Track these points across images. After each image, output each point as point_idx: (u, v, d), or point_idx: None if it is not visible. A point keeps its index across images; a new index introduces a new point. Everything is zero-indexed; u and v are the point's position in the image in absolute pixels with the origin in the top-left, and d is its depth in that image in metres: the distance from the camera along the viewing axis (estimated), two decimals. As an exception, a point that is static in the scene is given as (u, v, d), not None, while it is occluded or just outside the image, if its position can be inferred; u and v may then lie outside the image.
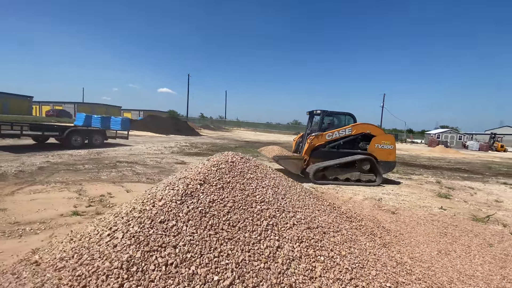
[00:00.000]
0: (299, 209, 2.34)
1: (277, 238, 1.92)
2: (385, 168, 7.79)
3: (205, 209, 1.98)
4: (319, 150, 7.79)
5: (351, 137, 7.84)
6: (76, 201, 4.56)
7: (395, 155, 7.85)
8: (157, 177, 6.84)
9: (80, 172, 6.86)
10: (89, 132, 11.60)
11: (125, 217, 1.88)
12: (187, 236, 1.75)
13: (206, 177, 2.31)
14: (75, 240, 1.94)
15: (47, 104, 52.09)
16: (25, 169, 6.83)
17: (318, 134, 7.71)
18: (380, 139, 7.76)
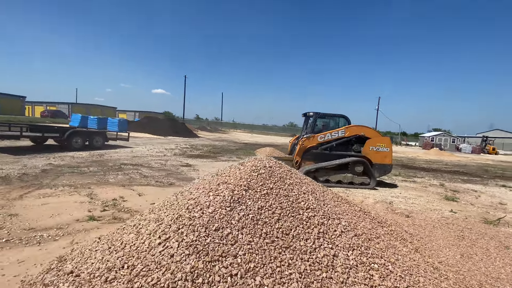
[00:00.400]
0: (341, 215, 2.30)
1: (331, 246, 1.87)
2: (380, 171, 7.63)
3: (256, 216, 1.92)
4: (311, 151, 7.77)
5: (344, 139, 7.72)
6: (89, 206, 4.42)
7: (391, 158, 7.68)
8: (166, 180, 6.72)
9: (86, 175, 6.68)
10: (90, 133, 11.38)
11: (173, 224, 1.80)
12: (245, 244, 1.69)
13: (249, 183, 2.24)
14: (117, 249, 1.85)
15: (40, 104, 51.04)
16: (28, 171, 6.63)
17: (309, 136, 7.69)
18: (375, 141, 7.61)
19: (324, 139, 7.68)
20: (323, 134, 7.71)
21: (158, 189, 5.82)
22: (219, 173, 2.70)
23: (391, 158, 7.66)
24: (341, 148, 7.83)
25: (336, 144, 7.73)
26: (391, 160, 7.70)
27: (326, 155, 7.73)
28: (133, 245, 1.78)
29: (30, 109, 49.90)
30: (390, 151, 7.61)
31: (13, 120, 26.42)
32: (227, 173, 2.54)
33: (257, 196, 2.13)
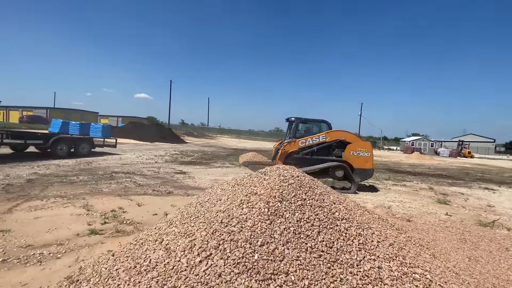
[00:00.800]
0: (370, 224, 2.27)
1: (373, 258, 1.83)
2: (362, 176, 7.63)
3: (296, 229, 1.84)
4: (292, 156, 7.78)
5: (325, 144, 7.77)
6: (87, 218, 4.14)
7: (372, 162, 7.67)
8: (163, 189, 6.47)
9: (77, 185, 6.31)
10: (76, 140, 10.83)
11: (211, 240, 1.68)
12: (293, 260, 1.60)
13: (282, 194, 2.16)
14: (147, 269, 1.71)
15: (16, 109, 48.16)
16: (13, 182, 6.17)
17: (291, 141, 7.74)
18: (356, 146, 7.62)
19: (305, 144, 7.71)
20: (304, 139, 7.74)
21: (156, 199, 5.59)
22: (239, 183, 2.60)
23: (372, 162, 7.68)
24: (322, 153, 7.88)
25: (317, 149, 7.77)
26: (372, 164, 7.72)
27: (307, 159, 7.76)
28: (166, 263, 1.65)
29: (5, 114, 47.02)
30: (371, 155, 7.64)
31: (-14, 125, 24.73)
32: (251, 182, 2.45)
33: (292, 207, 2.05)
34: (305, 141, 7.70)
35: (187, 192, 6.34)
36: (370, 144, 7.91)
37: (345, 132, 7.88)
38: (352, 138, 7.88)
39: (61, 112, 47.71)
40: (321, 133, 7.82)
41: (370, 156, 7.60)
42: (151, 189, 6.41)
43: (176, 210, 3.39)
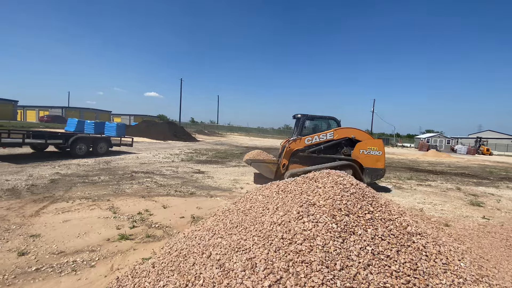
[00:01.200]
0: (442, 238, 2.02)
1: (461, 281, 1.58)
2: (372, 176, 7.12)
3: (374, 249, 1.62)
4: (298, 154, 7.44)
5: (333, 142, 7.34)
6: (115, 221, 4.03)
7: (383, 162, 7.12)
8: (184, 189, 6.34)
9: (100, 186, 6.25)
10: (94, 139, 10.87)
11: (278, 261, 1.48)
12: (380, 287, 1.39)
13: (347, 206, 1.94)
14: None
15: (33, 108, 49.51)
16: (36, 182, 6.16)
17: (296, 139, 7.37)
18: (366, 144, 7.11)
19: (311, 141, 7.32)
20: (310, 136, 7.34)
21: (180, 200, 5.45)
22: (284, 189, 2.39)
23: (383, 162, 7.14)
24: (330, 151, 7.49)
25: (324, 147, 7.38)
26: (384, 164, 7.18)
27: (313, 158, 7.39)
28: (227, 286, 1.46)
29: (22, 114, 48.38)
30: (382, 154, 7.11)
31: (6, 125, 25.42)
32: (300, 189, 2.23)
33: (362, 222, 1.83)
34: (312, 139, 7.31)
35: (209, 193, 6.19)
36: (382, 142, 7.28)
37: (354, 130, 7.41)
38: (362, 136, 7.39)
39: (76, 111, 48.74)
40: (328, 131, 7.36)
41: (381, 155, 7.10)
42: (173, 189, 6.29)
43: (211, 215, 3.22)
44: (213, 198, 5.74)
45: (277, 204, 2.13)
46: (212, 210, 4.87)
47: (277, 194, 2.35)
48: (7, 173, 6.92)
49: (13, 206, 4.47)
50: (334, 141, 7.35)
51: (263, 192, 2.57)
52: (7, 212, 4.14)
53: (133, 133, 25.74)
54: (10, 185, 5.76)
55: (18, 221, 3.83)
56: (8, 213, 4.10)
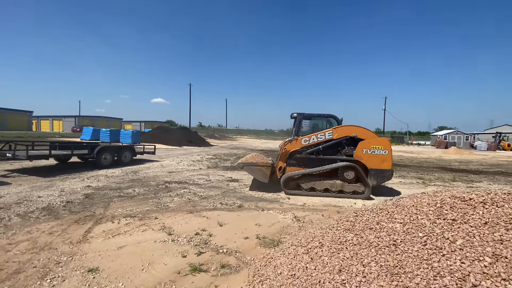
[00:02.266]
0: None
1: None
2: (378, 178, 6.38)
3: None
4: (294, 156, 6.84)
5: (333, 142, 6.68)
6: (175, 246, 3.46)
7: (390, 162, 6.39)
8: (229, 201, 5.76)
9: (138, 200, 5.72)
10: (119, 149, 10.41)
11: None
12: None
13: None
14: None
15: (46, 118, 50.00)
16: (71, 198, 5.66)
17: (292, 139, 6.81)
18: (370, 143, 6.41)
19: (308, 142, 6.72)
20: (307, 136, 6.73)
21: (232, 215, 4.86)
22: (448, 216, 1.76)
23: (390, 162, 6.40)
24: (330, 151, 6.83)
25: (324, 147, 6.73)
26: (391, 164, 6.42)
27: (311, 160, 6.76)
28: None
29: (37, 124, 48.89)
30: (389, 154, 6.37)
31: (24, 136, 25.43)
32: (417, 210, 1.61)
33: None
34: (309, 139, 6.70)
35: (257, 205, 5.59)
36: (388, 141, 6.58)
37: (356, 127, 6.70)
38: (366, 134, 6.66)
39: (88, 119, 49.03)
40: (327, 130, 6.72)
41: (388, 155, 6.36)
42: (218, 202, 5.71)
43: (316, 243, 2.60)
44: (265, 211, 5.13)
45: (425, 234, 1.50)
46: (273, 227, 4.27)
47: (433, 224, 1.72)
48: (37, 188, 6.47)
49: (55, 229, 3.95)
50: (334, 141, 6.68)
51: (400, 216, 1.94)
52: (51, 238, 3.61)
53: (147, 139, 25.47)
54: (44, 203, 5.27)
55: (67, 249, 3.29)
56: (52, 239, 3.57)
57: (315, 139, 6.68)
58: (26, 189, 6.28)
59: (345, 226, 3.02)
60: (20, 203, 5.21)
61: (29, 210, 4.81)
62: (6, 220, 4.26)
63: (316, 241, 2.91)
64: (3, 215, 4.48)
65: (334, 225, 3.20)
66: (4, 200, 5.37)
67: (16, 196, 5.70)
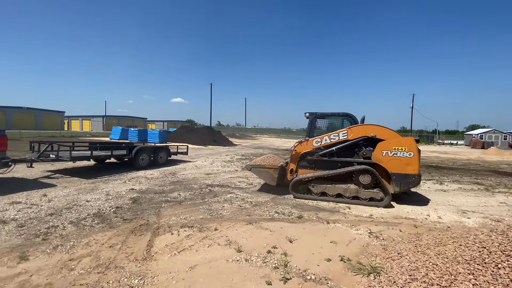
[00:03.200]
0: None
1: None
2: (401, 184, 5.52)
3: None
4: (306, 158, 6.35)
5: (348, 143, 6.02)
6: (252, 268, 2.97)
7: (417, 165, 5.48)
8: (285, 210, 5.23)
9: (188, 206, 5.35)
10: (155, 149, 10.21)
11: None
12: None
13: None
14: None
15: (76, 118, 52.27)
16: (119, 203, 5.39)
17: (303, 140, 6.34)
18: (391, 144, 5.61)
19: (320, 143, 6.15)
20: (319, 137, 6.17)
21: (297, 228, 4.32)
22: None
23: (417, 166, 5.50)
24: (345, 153, 6.15)
25: (338, 149, 6.08)
26: (418, 168, 5.51)
27: (324, 162, 6.21)
28: None
29: (67, 124, 51.19)
30: (415, 156, 5.48)
31: (57, 136, 26.49)
32: None
33: None
34: (321, 140, 6.15)
35: (318, 215, 5.01)
36: (414, 141, 5.66)
37: (374, 126, 5.96)
38: (386, 133, 5.87)
39: (115, 119, 50.63)
40: (341, 130, 6.07)
41: (413, 157, 5.49)
42: (272, 210, 5.20)
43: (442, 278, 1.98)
44: (331, 224, 4.54)
45: None
46: (352, 246, 3.68)
47: None
48: (83, 191, 6.28)
49: (114, 241, 3.61)
50: (350, 142, 6.02)
51: None
52: (113, 253, 3.25)
53: (173, 139, 25.63)
54: (94, 208, 5.02)
55: (134, 269, 2.90)
56: (115, 255, 3.21)
57: (327, 140, 6.13)
58: (72, 192, 6.11)
59: (472, 256, 2.39)
60: (70, 208, 4.98)
61: (80, 216, 4.55)
62: (61, 229, 3.99)
63: (437, 274, 2.29)
64: (57, 222, 4.23)
65: (452, 254, 2.56)
66: (54, 204, 5.18)
67: (64, 199, 5.52)
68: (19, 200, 5.33)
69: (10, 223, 4.16)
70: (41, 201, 5.32)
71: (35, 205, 5.06)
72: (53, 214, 4.60)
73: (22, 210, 4.75)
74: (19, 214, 4.57)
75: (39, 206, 5.03)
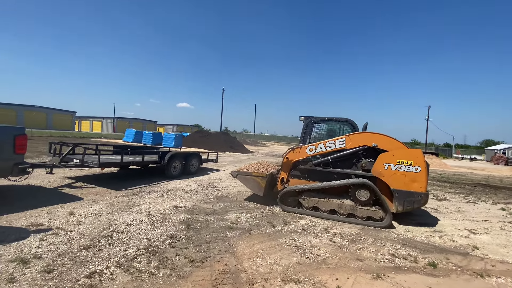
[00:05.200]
0: None
1: None
2: (405, 203, 4.68)
3: None
4: (299, 167, 5.69)
5: (346, 152, 5.27)
6: None
7: (424, 182, 4.61)
8: (403, 251, 3.80)
9: (262, 237, 3.97)
10: (187, 156, 8.85)
11: None
12: None
13: None
14: None
15: (87, 119, 51.36)
16: (171, 230, 4.03)
17: (295, 147, 5.71)
18: (395, 156, 4.77)
19: (315, 151, 5.46)
20: (313, 145, 5.49)
21: (439, 283, 2.90)
22: None
23: (424, 183, 4.61)
24: (344, 164, 5.40)
25: (334, 158, 5.37)
26: (425, 186, 4.62)
27: (318, 173, 5.48)
28: None
29: (77, 124, 50.28)
30: (422, 172, 4.61)
31: (68, 136, 25.32)
32: None
33: None
34: (315, 148, 5.45)
35: (448, 259, 3.58)
36: (421, 154, 4.77)
37: (376, 135, 5.18)
38: (390, 143, 5.01)
39: (125, 121, 49.63)
40: (338, 137, 5.36)
41: (420, 173, 4.62)
42: (383, 250, 3.78)
43: None
44: (486, 279, 3.12)
45: None
46: None
47: None
48: (117, 208, 4.93)
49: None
50: (348, 151, 5.28)
51: None
52: None
53: (188, 144, 24.33)
54: (140, 237, 3.66)
55: None
56: None
57: (323, 148, 5.40)
58: (104, 210, 4.76)
59: None
60: (109, 236, 3.62)
61: (128, 253, 3.19)
62: (108, 278, 2.62)
63: None
64: (98, 264, 2.86)
65: None
66: (86, 229, 3.82)
67: (98, 221, 4.16)
68: (40, 221, 3.98)
69: (33, 263, 2.81)
70: (68, 223, 3.97)
71: (62, 230, 3.71)
72: (89, 248, 3.24)
73: (46, 239, 3.39)
74: (43, 245, 3.22)
75: (68, 232, 3.67)
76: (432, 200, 7.68)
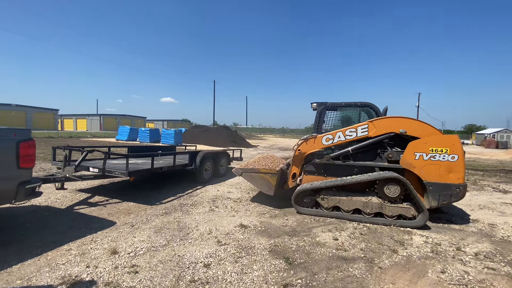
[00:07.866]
0: None
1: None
2: (440, 197, 4.02)
3: None
4: (314, 161, 4.84)
5: (369, 142, 4.49)
6: None
7: (462, 172, 3.99)
8: None
9: (402, 272, 2.82)
10: (215, 156, 7.43)
11: None
12: None
13: None
14: None
15: (70, 117, 47.50)
16: (272, 272, 2.77)
17: (309, 137, 4.80)
18: (428, 144, 4.09)
19: (332, 141, 4.63)
20: (331, 133, 4.65)
21: None
22: None
23: (462, 173, 3.98)
24: (364, 155, 4.65)
25: (354, 149, 4.57)
26: (463, 176, 3.98)
27: (337, 167, 4.68)
28: None
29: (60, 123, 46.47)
30: (460, 160, 3.96)
31: (54, 136, 22.80)
32: None
33: None
34: (333, 137, 4.62)
35: None
36: (458, 140, 4.08)
37: (405, 119, 4.40)
38: (421, 129, 4.27)
39: (113, 118, 46.35)
40: (359, 124, 4.53)
41: (458, 162, 3.96)
42: None
43: None
44: None
45: None
46: None
47: None
48: (168, 234, 3.58)
49: None
50: (372, 140, 4.49)
51: None
52: None
53: (187, 140, 22.61)
54: (237, 287, 2.37)
55: None
56: None
57: (341, 137, 4.57)
58: (155, 239, 3.39)
59: None
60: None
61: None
62: None
63: None
64: None
65: None
66: (152, 281, 2.48)
67: (160, 263, 2.82)
68: (74, 272, 2.58)
69: None
70: (120, 273, 2.60)
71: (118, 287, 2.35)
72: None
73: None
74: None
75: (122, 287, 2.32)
76: (497, 193, 6.85)
